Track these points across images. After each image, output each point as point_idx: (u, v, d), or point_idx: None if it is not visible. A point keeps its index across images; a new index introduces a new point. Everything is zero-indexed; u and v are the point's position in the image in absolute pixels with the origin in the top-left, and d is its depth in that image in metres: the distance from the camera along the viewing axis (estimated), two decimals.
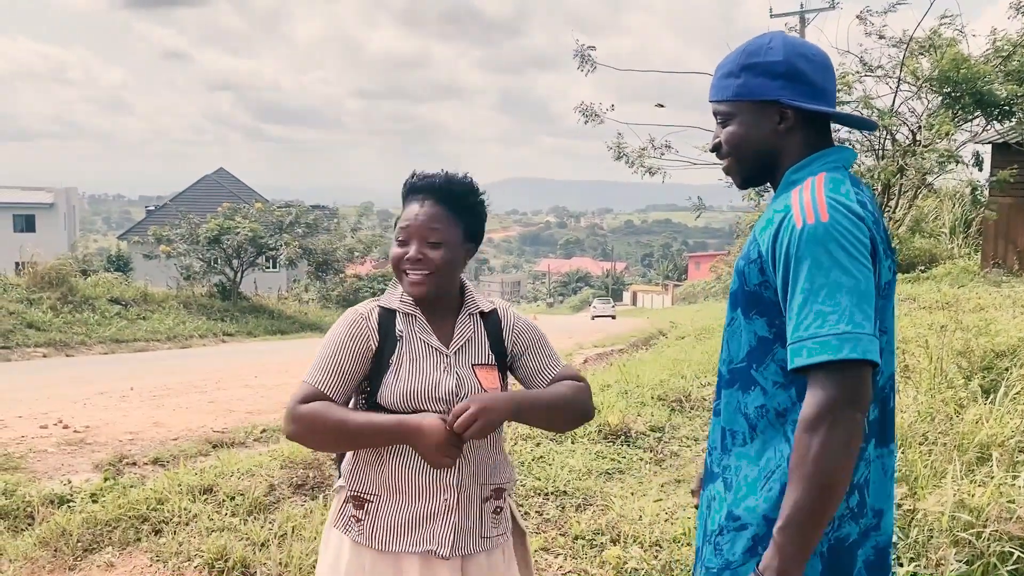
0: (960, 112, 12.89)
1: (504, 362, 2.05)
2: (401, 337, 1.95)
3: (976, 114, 13.35)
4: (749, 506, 1.55)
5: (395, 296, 2.02)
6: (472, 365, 1.98)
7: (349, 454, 2.02)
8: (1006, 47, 13.00)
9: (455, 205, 1.96)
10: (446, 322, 2.01)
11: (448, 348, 1.97)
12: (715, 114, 1.72)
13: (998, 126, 14.22)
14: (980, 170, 14.73)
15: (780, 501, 1.46)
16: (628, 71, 14.06)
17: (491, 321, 2.07)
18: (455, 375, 1.94)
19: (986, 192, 14.17)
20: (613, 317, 39.09)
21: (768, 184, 1.76)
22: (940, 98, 12.88)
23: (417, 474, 1.91)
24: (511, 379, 2.12)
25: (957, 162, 12.83)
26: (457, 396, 1.91)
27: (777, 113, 1.63)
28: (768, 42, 1.65)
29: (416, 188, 1.98)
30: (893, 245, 1.64)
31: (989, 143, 14.70)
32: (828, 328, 1.40)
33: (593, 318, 39.71)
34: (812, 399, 1.41)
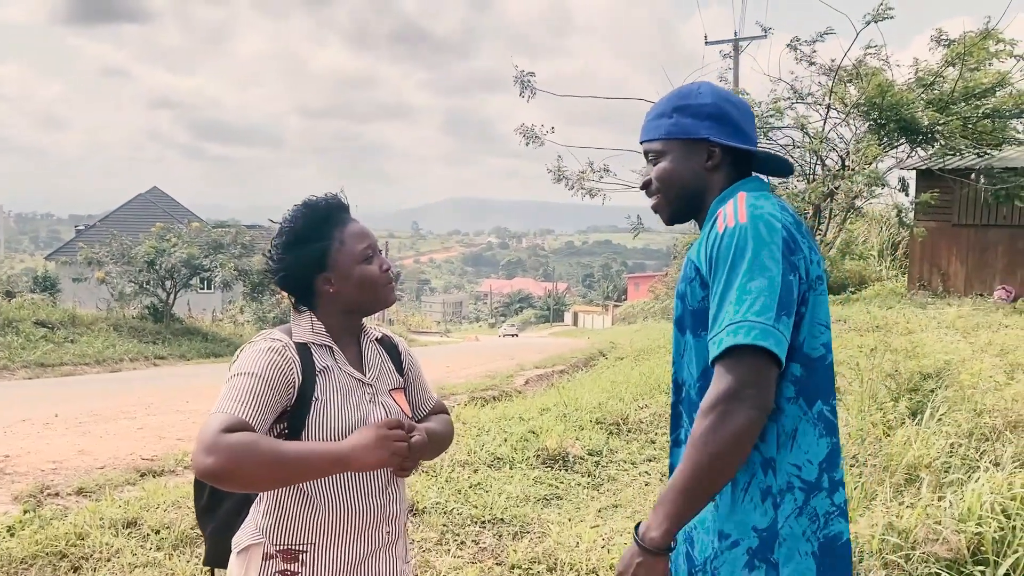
0: (886, 138, 13.37)
1: (406, 382, 2.08)
2: (323, 371, 1.86)
3: (901, 141, 13.87)
4: (737, 520, 1.57)
5: (304, 329, 1.90)
6: (389, 391, 1.97)
7: (268, 505, 1.87)
8: (928, 77, 13.53)
9: None
10: (353, 351, 1.97)
11: (366, 376, 1.94)
12: (646, 153, 1.80)
13: (921, 152, 14.77)
14: (906, 195, 15.29)
15: (764, 508, 1.55)
16: (567, 96, 14.25)
17: (386, 346, 2.08)
18: (381, 405, 1.91)
19: (911, 215, 14.68)
20: (516, 336, 51.75)
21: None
22: (867, 124, 13.34)
23: (365, 512, 1.86)
24: None
25: (884, 185, 13.29)
26: None
27: (705, 151, 1.72)
28: (698, 88, 1.77)
29: (343, 208, 1.95)
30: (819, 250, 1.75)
31: (913, 169, 15.24)
32: (735, 317, 1.47)
33: (502, 336, 52.33)
34: (711, 386, 1.49)
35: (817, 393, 1.59)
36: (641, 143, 1.82)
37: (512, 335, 53.39)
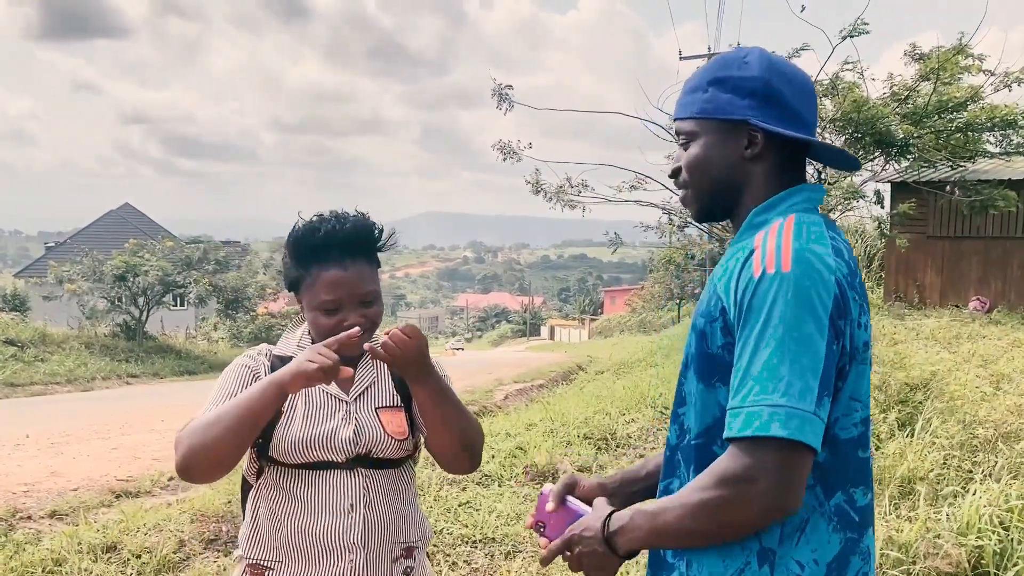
0: (862, 151, 13.48)
1: (410, 404, 1.91)
2: None
3: (876, 154, 14.00)
4: None
5: (290, 341, 1.91)
6: (376, 409, 1.87)
7: (247, 515, 1.85)
8: (902, 91, 13.69)
9: (371, 253, 1.86)
10: (347, 366, 1.85)
11: (348, 395, 1.85)
12: (677, 134, 1.50)
13: (896, 165, 14.93)
14: (881, 207, 15.43)
15: None
16: (545, 110, 14.22)
17: None
18: (354, 422, 1.82)
19: (888, 226, 14.82)
20: (462, 349, 53.81)
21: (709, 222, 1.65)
22: (843, 138, 13.45)
23: (320, 535, 1.77)
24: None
25: (860, 198, 13.40)
26: (356, 444, 1.79)
27: (745, 136, 1.40)
28: (744, 56, 1.43)
29: (329, 247, 1.78)
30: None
31: (888, 182, 15.38)
32: (763, 398, 1.21)
33: (449, 349, 53.95)
34: (730, 455, 1.23)
35: (840, 482, 1.31)
36: (673, 121, 1.51)
37: (458, 349, 54.99)
